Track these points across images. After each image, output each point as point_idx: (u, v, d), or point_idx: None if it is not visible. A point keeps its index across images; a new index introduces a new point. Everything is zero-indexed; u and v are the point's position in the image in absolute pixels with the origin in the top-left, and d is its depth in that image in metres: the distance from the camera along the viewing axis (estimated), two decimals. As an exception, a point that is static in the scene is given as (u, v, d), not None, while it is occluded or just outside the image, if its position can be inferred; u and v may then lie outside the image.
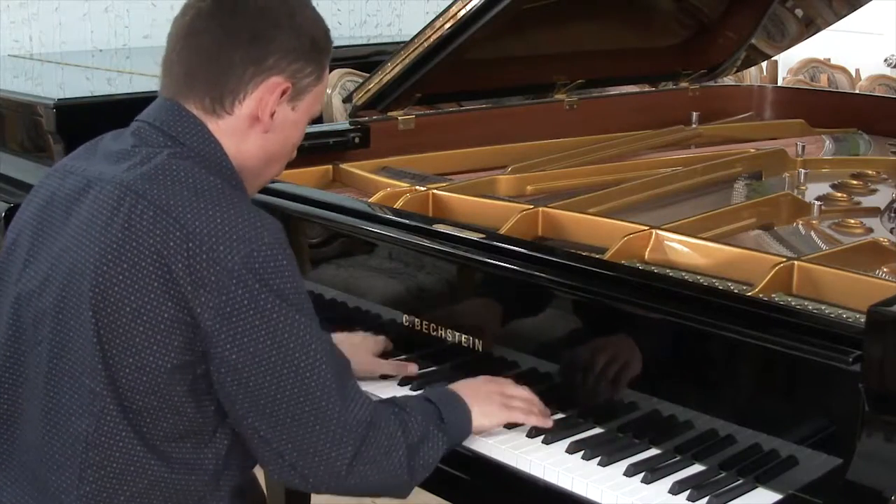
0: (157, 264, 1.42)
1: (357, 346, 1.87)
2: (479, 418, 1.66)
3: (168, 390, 1.46)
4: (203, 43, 1.55)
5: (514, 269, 1.77)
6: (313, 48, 1.59)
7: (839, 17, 3.25)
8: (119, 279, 1.44)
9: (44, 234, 1.56)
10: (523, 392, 1.72)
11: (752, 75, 4.80)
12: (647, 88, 3.46)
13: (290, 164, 2.32)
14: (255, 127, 1.57)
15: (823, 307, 1.62)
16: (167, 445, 1.49)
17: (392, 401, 1.62)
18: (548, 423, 1.69)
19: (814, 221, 2.22)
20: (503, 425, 1.69)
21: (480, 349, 1.82)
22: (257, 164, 1.61)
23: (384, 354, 1.93)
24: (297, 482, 1.51)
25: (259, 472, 1.72)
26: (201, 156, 1.54)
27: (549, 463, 1.60)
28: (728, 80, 3.55)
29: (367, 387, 1.78)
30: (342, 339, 1.82)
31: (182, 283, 1.42)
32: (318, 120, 4.08)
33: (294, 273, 1.48)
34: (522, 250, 1.80)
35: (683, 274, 1.79)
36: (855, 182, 2.53)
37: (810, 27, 3.31)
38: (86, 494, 1.47)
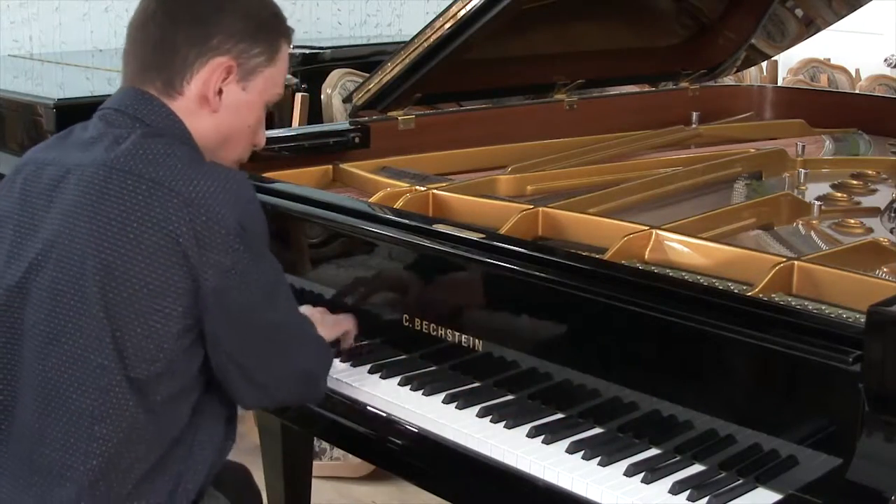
0: (162, 234, 1.50)
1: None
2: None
3: (170, 355, 1.53)
4: (150, 31, 1.64)
5: (514, 269, 1.77)
6: (259, 29, 1.67)
7: (839, 17, 3.25)
8: (122, 252, 1.50)
9: (26, 226, 1.60)
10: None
11: (752, 75, 4.81)
12: (647, 88, 3.46)
13: (291, 164, 2.36)
14: (204, 107, 1.65)
15: (823, 307, 1.62)
16: (161, 408, 1.55)
17: None
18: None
19: (814, 221, 2.22)
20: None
21: (480, 349, 1.82)
22: (212, 143, 1.68)
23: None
24: (273, 403, 1.79)
25: (260, 474, 1.73)
26: (170, 132, 1.61)
27: (549, 463, 1.60)
28: (728, 80, 3.56)
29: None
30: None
31: (188, 248, 1.50)
32: (318, 120, 4.11)
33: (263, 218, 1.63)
34: (522, 250, 1.80)
35: (683, 274, 1.79)
36: (855, 182, 2.52)
37: (810, 27, 3.30)
38: (92, 468, 1.52)
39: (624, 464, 1.59)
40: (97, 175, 1.54)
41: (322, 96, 3.89)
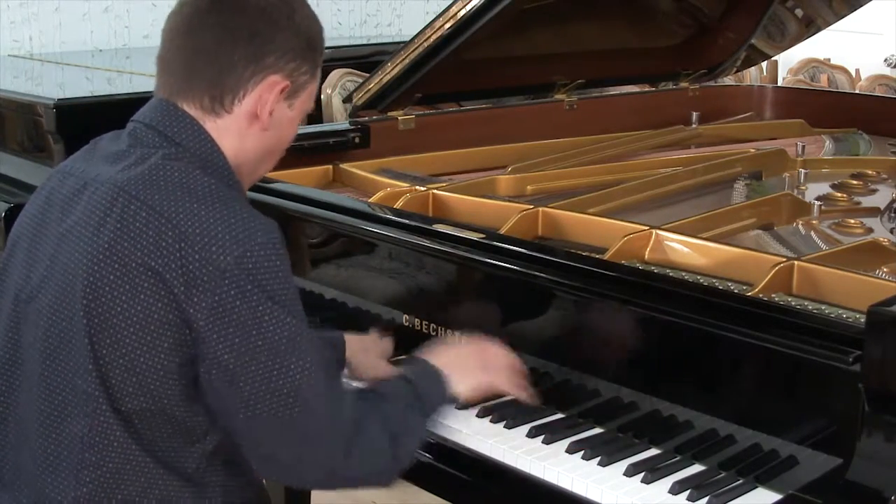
0: (149, 266, 1.42)
1: (368, 349, 1.88)
2: (457, 386, 1.67)
3: (159, 393, 1.46)
4: (203, 41, 1.55)
5: (514, 269, 1.77)
6: (310, 47, 1.61)
7: (839, 17, 3.25)
8: (109, 279, 1.44)
9: (41, 235, 1.57)
10: (507, 357, 1.73)
11: (752, 75, 4.81)
12: (647, 88, 3.46)
13: (291, 164, 2.36)
14: (253, 125, 1.58)
15: (823, 307, 1.62)
16: (159, 445, 1.49)
17: (372, 391, 1.63)
18: (524, 395, 1.70)
19: (814, 221, 2.22)
20: (491, 409, 1.72)
21: (480, 349, 1.82)
22: (254, 160, 1.62)
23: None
24: (290, 481, 1.56)
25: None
26: (196, 156, 1.54)
27: (550, 463, 1.60)
28: (728, 80, 3.56)
29: (346, 378, 1.84)
30: (355, 341, 1.86)
31: (174, 284, 1.42)
32: (318, 120, 4.10)
33: (287, 275, 1.48)
34: (522, 250, 1.80)
35: (683, 274, 1.79)
36: (855, 182, 2.53)
37: (810, 27, 3.31)
38: (82, 496, 1.47)
39: (624, 464, 1.59)
40: (106, 195, 1.49)
41: (322, 96, 3.88)
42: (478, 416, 1.73)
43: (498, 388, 1.72)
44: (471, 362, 1.71)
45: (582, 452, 1.62)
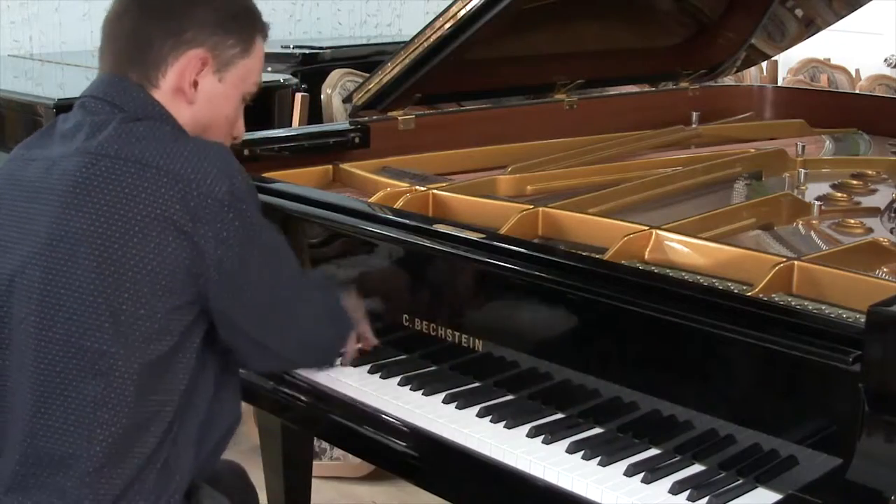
0: (154, 214, 1.51)
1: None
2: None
3: (173, 334, 1.55)
4: (124, 25, 1.66)
5: (514, 269, 1.77)
6: (232, 20, 1.69)
7: (839, 17, 3.25)
8: (116, 237, 1.51)
9: (11, 219, 1.60)
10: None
11: (752, 75, 4.82)
12: (647, 88, 3.46)
13: (291, 164, 2.36)
14: (180, 99, 1.66)
15: (823, 307, 1.62)
16: (164, 388, 1.57)
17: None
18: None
19: (814, 221, 2.22)
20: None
21: (480, 349, 1.82)
22: (191, 134, 1.68)
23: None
24: (288, 365, 1.86)
25: (260, 474, 1.73)
26: (149, 117, 1.62)
27: (549, 463, 1.60)
28: (728, 80, 3.56)
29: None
30: None
31: (183, 224, 1.52)
32: (318, 120, 4.09)
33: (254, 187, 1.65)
34: (522, 250, 1.80)
35: (683, 274, 1.79)
36: (855, 182, 2.52)
37: (810, 27, 3.31)
38: (96, 454, 1.52)
39: (624, 464, 1.59)
40: (82, 163, 1.55)
41: (322, 96, 3.89)
42: (478, 415, 1.73)
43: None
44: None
45: (582, 452, 1.62)
